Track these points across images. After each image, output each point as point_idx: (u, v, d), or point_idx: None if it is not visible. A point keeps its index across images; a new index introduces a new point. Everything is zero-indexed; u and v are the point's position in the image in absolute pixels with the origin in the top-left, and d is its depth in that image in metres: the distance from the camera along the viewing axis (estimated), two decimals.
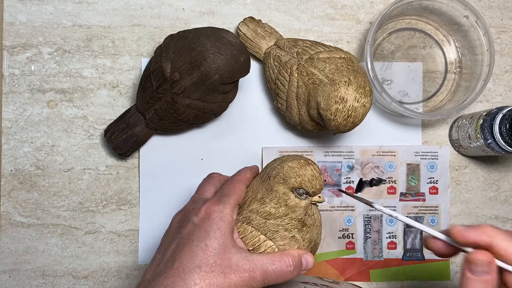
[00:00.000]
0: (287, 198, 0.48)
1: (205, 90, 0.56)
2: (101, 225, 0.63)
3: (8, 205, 0.63)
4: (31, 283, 0.62)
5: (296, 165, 0.49)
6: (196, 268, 0.41)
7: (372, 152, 0.65)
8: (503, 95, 0.67)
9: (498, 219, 0.66)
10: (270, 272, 0.44)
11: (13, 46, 0.63)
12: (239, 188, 0.49)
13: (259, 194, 0.49)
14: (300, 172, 0.48)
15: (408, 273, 0.65)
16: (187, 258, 0.42)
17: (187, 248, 0.43)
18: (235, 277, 0.42)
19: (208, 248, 0.42)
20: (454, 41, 0.66)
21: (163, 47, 0.58)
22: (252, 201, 0.49)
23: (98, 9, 0.64)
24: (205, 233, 0.43)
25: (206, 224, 0.44)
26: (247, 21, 0.63)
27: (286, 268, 0.45)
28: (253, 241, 0.47)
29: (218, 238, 0.43)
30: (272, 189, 0.49)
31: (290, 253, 0.46)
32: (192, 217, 0.45)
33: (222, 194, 0.47)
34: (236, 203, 0.47)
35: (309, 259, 0.47)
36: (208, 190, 0.50)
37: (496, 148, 0.58)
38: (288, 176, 0.48)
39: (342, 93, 0.52)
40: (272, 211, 0.48)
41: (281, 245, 0.47)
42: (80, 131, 0.63)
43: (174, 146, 0.64)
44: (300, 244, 0.48)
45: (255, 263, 0.44)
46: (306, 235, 0.48)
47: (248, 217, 0.48)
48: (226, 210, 0.45)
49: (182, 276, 0.41)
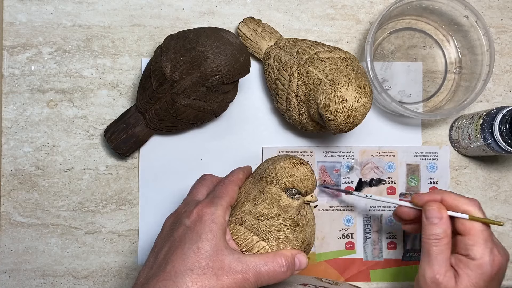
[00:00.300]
0: (279, 199, 0.48)
1: (205, 90, 0.56)
2: (101, 225, 0.63)
3: (8, 205, 0.63)
4: (31, 283, 0.62)
5: (288, 165, 0.49)
6: (188, 271, 0.41)
7: (371, 152, 0.65)
8: (503, 95, 0.67)
9: (498, 219, 0.66)
10: (263, 273, 0.44)
11: (13, 46, 0.63)
12: (232, 190, 0.49)
13: (252, 194, 0.49)
14: (292, 172, 0.48)
15: (408, 273, 0.65)
16: (179, 261, 0.42)
17: (179, 251, 0.43)
18: (228, 279, 0.42)
19: (200, 250, 0.42)
20: (454, 41, 0.66)
21: (163, 47, 0.58)
22: (244, 202, 0.49)
23: (98, 9, 0.64)
24: (197, 236, 0.43)
25: (198, 227, 0.44)
26: (247, 21, 0.63)
27: (279, 269, 0.45)
28: (246, 242, 0.47)
29: (210, 240, 0.43)
30: (265, 189, 0.48)
31: (283, 254, 0.46)
32: (184, 220, 0.45)
33: (214, 196, 0.47)
34: (228, 205, 0.47)
35: (302, 259, 0.47)
36: (201, 192, 0.50)
37: (496, 148, 0.58)
38: (280, 176, 0.48)
39: (342, 93, 0.52)
40: (264, 211, 0.48)
41: (274, 245, 0.47)
42: (80, 131, 0.63)
43: (174, 146, 0.64)
44: (293, 244, 0.48)
45: (247, 264, 0.44)
46: (299, 235, 0.48)
47: (240, 218, 0.48)
48: (218, 212, 0.45)
49: (174, 279, 0.41)
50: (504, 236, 0.66)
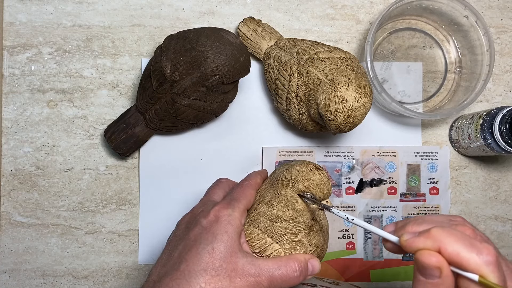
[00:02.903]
0: (294, 202, 0.48)
1: (205, 90, 0.56)
2: (101, 225, 0.63)
3: (8, 205, 0.63)
4: (31, 283, 0.62)
5: (305, 169, 0.49)
6: (202, 271, 0.41)
7: (372, 152, 0.65)
8: (503, 95, 0.67)
9: (498, 219, 0.66)
10: (276, 278, 0.44)
11: (13, 46, 0.63)
12: (249, 193, 0.49)
13: (267, 197, 0.49)
14: (308, 176, 0.48)
15: (408, 273, 0.65)
16: (194, 260, 0.42)
17: (193, 250, 0.43)
18: (241, 282, 0.42)
19: (215, 251, 0.42)
20: (454, 41, 0.66)
21: (163, 47, 0.58)
22: (259, 204, 0.49)
23: (98, 9, 0.64)
24: (213, 236, 0.43)
25: (214, 227, 0.44)
26: (247, 21, 0.63)
27: (292, 274, 0.45)
28: (260, 243, 0.47)
29: (225, 241, 0.43)
30: (280, 192, 0.48)
31: (297, 258, 0.46)
32: (200, 220, 0.45)
33: (232, 198, 0.47)
34: (245, 208, 0.47)
35: (315, 264, 0.47)
36: (217, 193, 0.50)
37: (496, 148, 0.58)
38: (296, 180, 0.48)
39: (342, 93, 0.52)
40: (279, 214, 0.48)
41: (287, 248, 0.47)
42: (80, 131, 0.63)
43: (174, 146, 0.64)
44: (306, 248, 0.47)
45: (261, 268, 0.43)
46: (313, 239, 0.48)
47: (255, 220, 0.48)
48: (235, 214, 0.45)
49: (187, 279, 0.41)
50: (504, 236, 0.66)
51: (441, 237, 0.34)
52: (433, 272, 0.34)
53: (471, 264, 0.33)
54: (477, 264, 0.33)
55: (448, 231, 0.35)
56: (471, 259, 0.33)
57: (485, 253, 0.33)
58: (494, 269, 0.33)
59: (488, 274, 0.33)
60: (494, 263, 0.33)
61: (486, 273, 0.33)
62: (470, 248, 0.34)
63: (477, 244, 0.34)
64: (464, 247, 0.34)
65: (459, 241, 0.34)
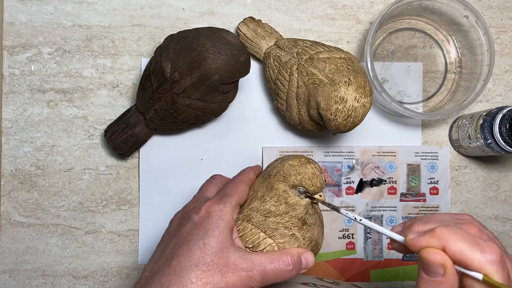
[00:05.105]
0: (287, 196, 0.48)
1: (205, 90, 0.56)
2: (101, 225, 0.63)
3: (8, 205, 0.63)
4: (31, 283, 0.62)
5: (297, 163, 0.49)
6: (193, 266, 0.41)
7: (372, 152, 0.65)
8: (503, 95, 0.67)
9: (498, 219, 0.66)
10: (268, 271, 0.44)
11: (13, 46, 0.63)
12: (242, 189, 0.49)
13: (260, 192, 0.49)
14: (301, 170, 0.48)
15: (408, 273, 0.65)
16: (185, 256, 0.42)
17: (185, 246, 0.43)
18: (233, 276, 0.42)
19: (206, 246, 0.42)
20: (454, 41, 0.66)
21: (163, 47, 0.58)
22: (252, 199, 0.49)
23: (98, 9, 0.64)
24: (204, 232, 0.43)
25: (205, 223, 0.44)
26: (247, 21, 0.63)
27: (285, 267, 0.44)
28: (253, 238, 0.47)
29: (216, 236, 0.43)
30: (273, 186, 0.49)
31: (289, 252, 0.46)
32: (192, 216, 0.45)
33: (224, 194, 0.47)
34: (237, 203, 0.47)
35: (309, 258, 0.47)
36: (210, 190, 0.50)
37: (496, 148, 0.58)
38: (288, 174, 0.48)
39: (342, 93, 0.52)
40: (272, 209, 0.48)
41: (281, 242, 0.47)
42: (80, 131, 0.63)
43: (174, 146, 0.64)
44: (300, 242, 0.48)
45: (253, 262, 0.43)
46: (307, 233, 0.48)
47: (248, 215, 0.48)
48: (226, 209, 0.45)
49: (179, 275, 0.41)
50: (504, 236, 0.66)
51: (445, 235, 0.34)
52: (437, 270, 0.34)
53: (475, 263, 0.33)
54: (481, 262, 0.33)
55: (452, 230, 0.35)
56: (475, 257, 0.33)
57: (489, 252, 0.33)
58: (498, 268, 0.33)
59: (492, 273, 0.33)
60: (498, 262, 0.33)
61: (490, 272, 0.33)
62: (474, 247, 0.33)
63: (481, 242, 0.34)
64: (468, 245, 0.34)
65: (463, 239, 0.34)
